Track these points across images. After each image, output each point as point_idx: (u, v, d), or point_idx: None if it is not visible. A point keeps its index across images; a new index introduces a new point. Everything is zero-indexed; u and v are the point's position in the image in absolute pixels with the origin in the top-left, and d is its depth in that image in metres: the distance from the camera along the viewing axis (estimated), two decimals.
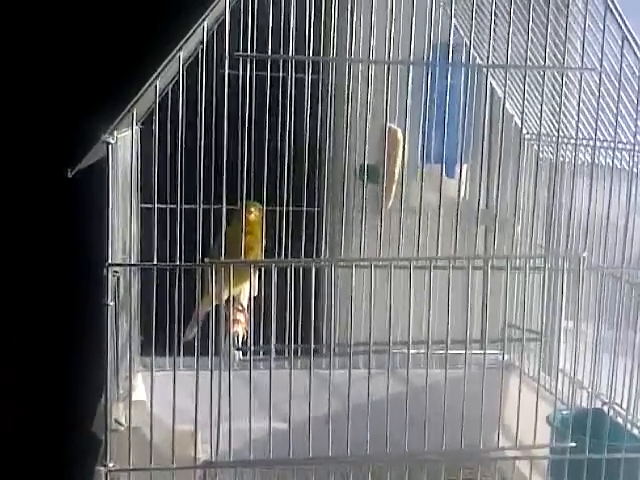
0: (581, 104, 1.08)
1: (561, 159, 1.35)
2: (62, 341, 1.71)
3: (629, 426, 1.15)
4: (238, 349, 1.14)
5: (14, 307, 1.74)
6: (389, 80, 1.01)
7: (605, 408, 1.19)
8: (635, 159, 1.15)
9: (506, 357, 1.46)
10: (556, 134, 1.15)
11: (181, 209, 1.15)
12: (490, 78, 1.37)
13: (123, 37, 1.61)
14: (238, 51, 1.00)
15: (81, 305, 1.21)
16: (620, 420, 1.17)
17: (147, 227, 1.03)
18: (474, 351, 1.08)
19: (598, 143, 1.14)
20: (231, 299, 1.15)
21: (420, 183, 1.08)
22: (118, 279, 1.01)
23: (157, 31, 1.21)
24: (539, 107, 1.10)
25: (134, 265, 1.09)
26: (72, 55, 1.64)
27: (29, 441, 1.76)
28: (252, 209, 1.18)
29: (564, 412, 1.18)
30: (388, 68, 1.01)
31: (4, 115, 1.67)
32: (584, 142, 1.23)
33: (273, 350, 1.05)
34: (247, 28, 1.17)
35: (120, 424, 1.06)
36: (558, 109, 1.09)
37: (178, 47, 0.96)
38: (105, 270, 0.97)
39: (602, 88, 1.08)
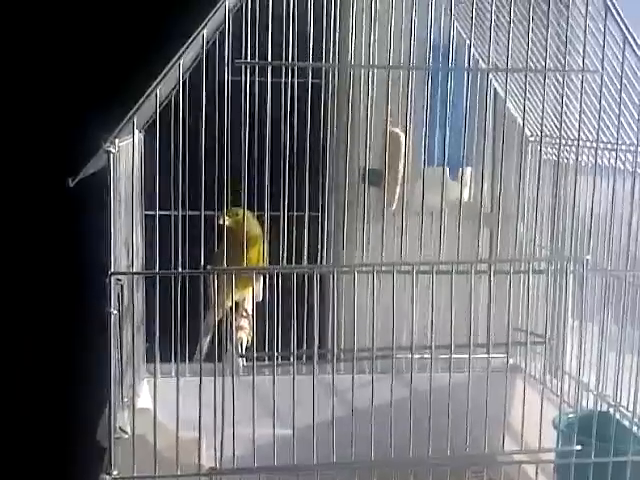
0: (583, 106, 1.08)
1: (564, 161, 1.35)
2: (66, 349, 1.71)
3: (635, 429, 1.15)
4: (242, 355, 1.14)
5: (18, 316, 1.74)
6: (390, 84, 1.01)
7: (611, 411, 1.18)
8: (638, 160, 1.15)
9: (511, 360, 1.46)
10: (559, 136, 1.15)
11: (184, 216, 1.15)
12: (493, 81, 1.37)
13: (124, 45, 1.62)
14: (239, 58, 1.00)
15: (85, 314, 1.21)
16: (626, 423, 1.17)
17: (150, 235, 1.03)
18: (479, 355, 1.08)
19: (601, 145, 1.14)
20: (233, 306, 1.15)
21: (423, 186, 1.08)
22: (122, 287, 1.02)
23: (158, 39, 1.21)
24: (542, 109, 1.10)
25: (137, 273, 1.09)
26: (73, 64, 1.64)
27: (34, 449, 1.76)
28: (228, 215, 1.16)
29: (570, 415, 1.18)
30: (389, 73, 1.01)
31: (5, 124, 1.68)
32: (587, 144, 1.23)
33: (277, 356, 1.05)
34: (248, 35, 1.17)
35: (124, 432, 1.06)
36: (560, 111, 1.08)
37: (179, 54, 0.96)
38: (108, 279, 0.97)
39: (604, 90, 1.07)
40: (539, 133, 1.41)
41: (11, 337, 1.75)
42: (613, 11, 1.03)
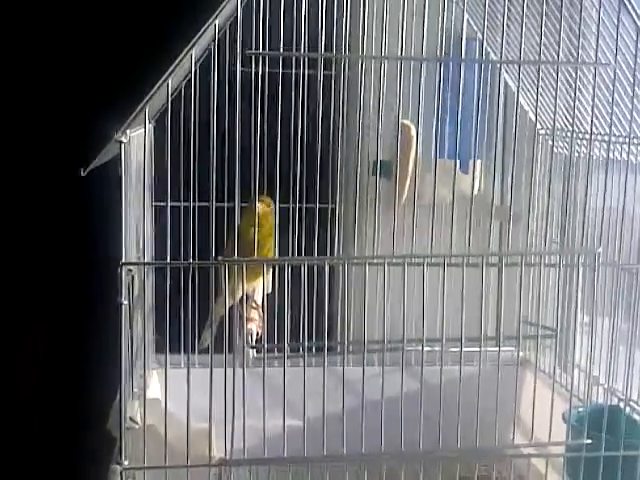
0: (596, 99, 1.08)
1: (576, 154, 1.34)
2: (77, 340, 1.72)
3: None
4: (252, 347, 1.14)
5: (29, 306, 1.75)
6: (402, 76, 1.01)
7: (621, 405, 1.18)
8: None
9: (521, 354, 1.46)
10: (571, 129, 1.15)
11: (194, 207, 1.15)
12: (504, 73, 1.36)
13: (135, 36, 1.61)
14: (250, 49, 1.00)
15: (96, 304, 1.21)
16: (637, 417, 1.16)
17: (161, 225, 1.03)
18: (489, 348, 1.07)
19: (613, 138, 1.13)
20: (244, 297, 1.15)
21: (434, 179, 1.07)
22: (132, 278, 1.02)
23: (169, 29, 1.21)
24: (553, 102, 1.09)
25: (148, 264, 1.09)
26: (84, 54, 1.64)
27: (45, 439, 1.77)
28: (259, 204, 1.18)
29: (580, 409, 1.18)
30: (401, 64, 1.01)
31: (17, 115, 1.68)
32: (599, 137, 1.22)
33: (287, 348, 1.05)
34: (259, 25, 1.17)
35: (135, 422, 1.06)
36: (572, 104, 1.08)
37: (190, 45, 0.96)
38: (119, 269, 0.97)
39: (617, 83, 1.07)
40: (550, 126, 1.41)
41: (22, 327, 1.76)
42: (627, 3, 1.03)
